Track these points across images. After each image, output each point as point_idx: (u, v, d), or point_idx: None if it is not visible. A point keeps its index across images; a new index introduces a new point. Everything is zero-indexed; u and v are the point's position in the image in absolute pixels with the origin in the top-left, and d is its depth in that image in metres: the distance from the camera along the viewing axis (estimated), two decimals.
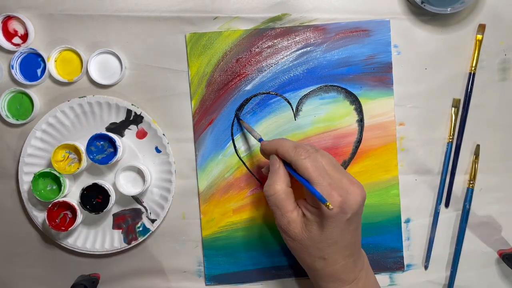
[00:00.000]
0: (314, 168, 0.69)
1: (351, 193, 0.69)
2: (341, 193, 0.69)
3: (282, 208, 0.72)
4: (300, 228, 0.72)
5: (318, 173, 0.69)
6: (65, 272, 0.88)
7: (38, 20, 0.84)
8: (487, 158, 0.86)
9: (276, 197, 0.72)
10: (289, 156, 0.71)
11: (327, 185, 0.68)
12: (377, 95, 0.85)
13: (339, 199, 0.68)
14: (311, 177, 0.69)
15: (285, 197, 0.72)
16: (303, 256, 0.75)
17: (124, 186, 0.83)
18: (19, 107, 0.85)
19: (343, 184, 0.70)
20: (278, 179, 0.73)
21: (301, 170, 0.69)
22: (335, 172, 0.71)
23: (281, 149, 0.73)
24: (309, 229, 0.71)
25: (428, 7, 0.80)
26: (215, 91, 0.85)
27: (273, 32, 0.84)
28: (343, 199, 0.68)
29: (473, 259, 0.87)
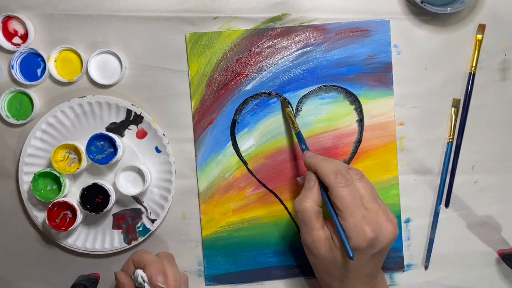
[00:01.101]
0: (351, 198, 0.69)
1: (384, 229, 0.69)
2: (374, 229, 0.68)
3: (308, 226, 0.72)
4: (324, 248, 0.71)
5: (354, 204, 0.69)
6: (65, 272, 0.88)
7: (38, 20, 0.84)
8: (487, 158, 0.86)
9: (305, 214, 0.72)
10: (328, 181, 0.71)
11: (361, 218, 0.68)
12: (377, 95, 0.85)
13: (371, 234, 0.68)
14: (346, 207, 0.68)
15: (314, 215, 0.72)
16: (322, 274, 0.75)
17: (124, 186, 0.83)
18: (19, 107, 0.85)
19: (378, 218, 0.70)
20: (310, 197, 0.72)
21: (337, 198, 0.69)
22: (373, 204, 0.71)
23: (321, 172, 0.72)
24: (334, 253, 0.71)
25: (428, 7, 0.80)
26: (215, 91, 0.85)
27: (273, 32, 0.84)
28: (375, 235, 0.68)
29: (473, 259, 0.87)
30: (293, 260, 0.86)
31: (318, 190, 0.73)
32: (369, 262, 0.71)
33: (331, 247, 0.71)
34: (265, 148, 0.85)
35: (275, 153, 0.86)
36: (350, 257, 0.66)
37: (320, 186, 0.73)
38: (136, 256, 0.76)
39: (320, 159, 0.74)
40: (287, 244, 0.86)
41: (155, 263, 0.74)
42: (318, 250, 0.72)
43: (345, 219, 0.68)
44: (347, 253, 0.67)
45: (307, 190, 0.73)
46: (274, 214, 0.86)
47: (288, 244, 0.86)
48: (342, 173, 0.71)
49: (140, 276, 0.73)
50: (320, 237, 0.71)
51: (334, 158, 0.83)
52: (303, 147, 0.79)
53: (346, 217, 0.68)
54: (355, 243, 0.68)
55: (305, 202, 0.72)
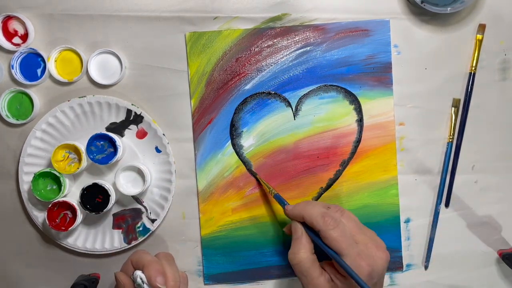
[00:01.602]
0: (343, 239, 0.69)
1: (377, 259, 0.70)
2: (369, 262, 0.69)
3: (308, 276, 0.72)
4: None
5: (347, 244, 0.69)
6: (65, 272, 0.88)
7: (38, 20, 0.84)
8: (487, 158, 0.86)
9: (301, 265, 0.72)
10: (318, 225, 0.71)
11: (356, 255, 0.69)
12: (377, 95, 0.85)
13: (368, 268, 0.69)
14: (341, 249, 0.69)
15: (310, 265, 0.72)
16: None
17: (124, 186, 0.83)
18: (19, 107, 0.85)
19: (369, 250, 0.71)
20: (301, 247, 0.73)
21: (330, 241, 0.70)
22: (361, 236, 0.72)
23: (308, 218, 0.72)
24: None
25: (428, 7, 0.80)
26: (215, 90, 0.85)
27: (273, 32, 0.84)
28: (371, 268, 0.69)
29: (473, 259, 0.87)
30: None
31: (307, 238, 0.73)
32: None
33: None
34: (265, 147, 0.85)
35: (275, 153, 0.86)
36: None
37: (309, 232, 0.74)
38: (135, 256, 0.76)
39: (303, 206, 0.75)
40: (286, 244, 0.86)
41: (153, 263, 0.74)
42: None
43: None
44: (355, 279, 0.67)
45: (296, 241, 0.74)
46: (272, 214, 0.86)
47: (287, 244, 0.86)
48: (328, 214, 0.71)
49: (139, 277, 0.73)
50: (321, 283, 0.71)
51: (332, 159, 0.85)
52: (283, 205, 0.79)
53: (342, 257, 0.69)
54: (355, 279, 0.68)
55: (299, 254, 0.72)
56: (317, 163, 0.86)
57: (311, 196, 0.86)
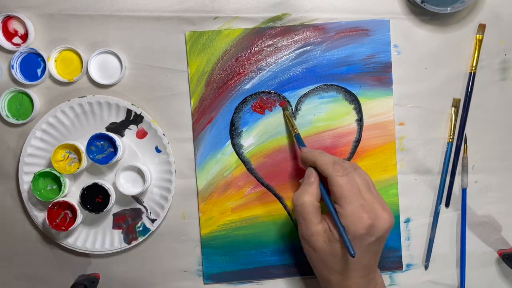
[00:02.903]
0: (349, 187, 0.70)
1: (380, 218, 0.70)
2: (371, 216, 0.69)
3: (307, 220, 0.72)
4: (322, 241, 0.72)
5: (352, 193, 0.70)
6: (65, 272, 0.88)
7: (38, 20, 0.84)
8: (487, 158, 0.86)
9: (303, 207, 0.72)
10: (326, 171, 0.71)
11: (358, 205, 0.69)
12: (376, 94, 0.85)
13: (368, 221, 0.69)
14: (344, 195, 0.69)
15: (312, 210, 0.72)
16: (320, 267, 0.75)
17: (124, 186, 0.83)
18: (19, 107, 0.85)
19: (374, 207, 0.70)
20: (309, 191, 0.73)
21: (336, 187, 0.70)
22: (369, 194, 0.71)
23: (320, 162, 0.73)
24: (332, 245, 0.71)
25: (428, 6, 0.80)
26: (214, 90, 0.85)
27: (273, 31, 0.84)
28: (372, 222, 0.69)
29: (473, 259, 0.87)
30: (291, 259, 0.86)
31: (317, 186, 0.74)
32: (366, 253, 0.71)
33: (329, 239, 0.71)
34: (264, 147, 0.85)
35: (274, 152, 0.86)
36: (351, 254, 0.66)
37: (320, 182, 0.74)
38: None
39: (318, 152, 0.75)
40: (286, 243, 0.86)
41: None
42: (316, 243, 0.72)
43: (343, 206, 0.69)
44: (348, 250, 0.67)
45: (306, 185, 0.74)
46: (272, 213, 0.86)
47: (287, 243, 0.86)
48: (339, 163, 0.72)
49: None
50: (319, 231, 0.72)
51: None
52: (301, 146, 0.79)
53: (344, 204, 0.69)
54: (353, 230, 0.68)
55: (304, 196, 0.73)
56: None
57: None
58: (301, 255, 0.86)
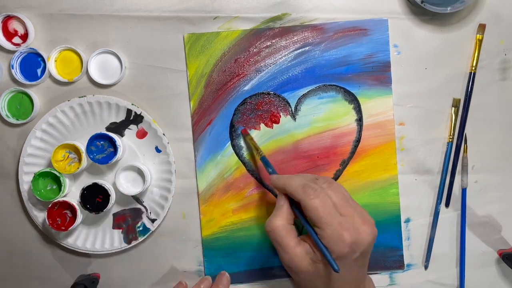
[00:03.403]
0: (323, 208, 0.68)
1: (362, 232, 0.69)
2: (352, 233, 0.68)
3: (282, 244, 0.71)
4: (305, 264, 0.71)
5: (328, 213, 0.68)
6: (65, 272, 0.88)
7: (38, 20, 0.84)
8: (487, 158, 0.86)
9: (275, 233, 0.71)
10: (298, 196, 0.70)
11: (337, 225, 0.68)
12: (376, 94, 0.85)
13: (350, 239, 0.67)
14: (320, 217, 0.68)
15: (285, 233, 0.71)
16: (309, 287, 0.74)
17: (124, 185, 0.83)
18: (19, 107, 0.85)
19: (354, 222, 0.69)
20: (279, 215, 0.72)
21: (310, 211, 0.69)
22: (347, 209, 0.70)
23: (289, 189, 0.72)
24: (316, 265, 0.70)
25: (428, 6, 0.80)
26: (214, 92, 0.85)
27: (271, 32, 0.84)
28: (354, 239, 0.68)
29: (473, 259, 0.87)
30: None
31: (288, 209, 0.73)
32: (352, 268, 0.70)
33: (313, 260, 0.70)
34: (264, 148, 0.85)
35: (274, 153, 0.86)
36: (335, 270, 0.66)
37: (292, 205, 0.73)
38: None
39: (286, 178, 0.74)
40: None
41: None
42: (299, 267, 0.71)
43: (322, 228, 0.68)
44: (332, 266, 0.66)
45: (276, 210, 0.73)
46: None
47: None
48: (309, 185, 0.70)
49: None
50: (298, 253, 0.71)
51: (332, 159, 0.84)
52: (270, 170, 0.78)
53: (323, 226, 0.68)
54: (336, 250, 0.67)
55: (274, 220, 0.72)
56: (317, 163, 0.86)
57: None
58: None
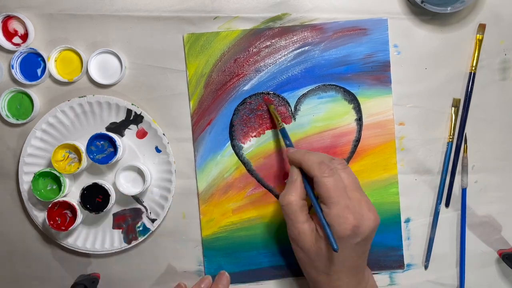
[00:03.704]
0: (335, 188, 0.70)
1: (366, 218, 0.70)
2: (356, 217, 0.69)
3: (293, 219, 0.73)
4: (309, 241, 0.72)
5: (338, 193, 0.69)
6: (65, 272, 0.88)
7: (38, 20, 0.84)
8: (487, 158, 0.86)
9: (289, 207, 0.73)
10: (312, 172, 0.71)
11: (344, 206, 0.69)
12: (375, 93, 0.85)
13: (354, 222, 0.69)
14: (330, 196, 0.69)
15: (298, 209, 0.73)
16: (309, 268, 0.75)
17: (124, 185, 0.83)
18: (19, 107, 0.85)
19: (360, 207, 0.71)
20: (293, 190, 0.73)
21: (322, 188, 0.70)
22: (355, 193, 0.71)
23: (305, 164, 0.73)
24: (319, 245, 0.72)
25: (428, 6, 0.80)
26: (213, 92, 0.85)
27: (271, 32, 0.84)
28: (357, 222, 0.69)
29: (473, 259, 0.87)
30: (292, 259, 0.86)
31: (301, 184, 0.74)
32: (353, 253, 0.71)
33: (316, 239, 0.72)
34: (264, 148, 0.85)
35: (274, 153, 0.86)
36: (334, 249, 0.67)
37: (304, 179, 0.74)
38: None
39: (304, 152, 0.75)
40: (287, 244, 0.85)
41: None
42: (303, 243, 0.73)
43: (329, 207, 0.69)
44: (331, 245, 0.67)
45: (290, 184, 0.74)
46: (273, 214, 0.86)
47: (288, 244, 0.85)
48: (326, 163, 0.71)
49: None
50: (305, 230, 0.72)
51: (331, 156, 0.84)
52: (287, 143, 0.79)
53: (330, 205, 0.69)
54: (338, 230, 0.69)
55: (289, 195, 0.73)
56: None
57: None
58: None
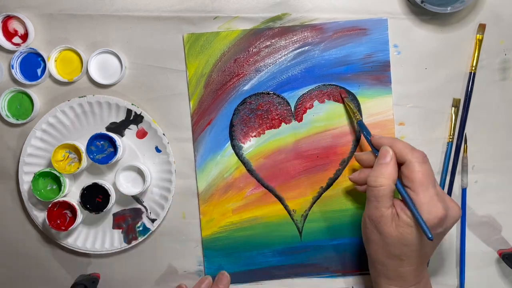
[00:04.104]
0: (427, 174, 0.69)
1: (451, 209, 0.70)
2: (445, 207, 0.69)
3: (380, 202, 0.71)
4: (389, 225, 0.71)
5: (430, 181, 0.69)
6: (65, 272, 0.88)
7: (38, 20, 0.84)
8: (487, 158, 0.86)
9: (380, 190, 0.71)
10: (406, 156, 0.70)
11: (434, 194, 0.69)
12: (375, 93, 0.85)
13: (443, 212, 0.68)
14: (423, 182, 0.69)
15: (388, 193, 0.71)
16: (379, 251, 0.74)
17: (124, 185, 0.83)
18: (19, 107, 0.85)
19: (446, 198, 0.71)
20: (387, 173, 0.71)
21: (416, 173, 0.69)
22: (438, 186, 0.71)
23: (398, 147, 0.72)
24: (400, 230, 0.70)
25: (428, 6, 0.80)
26: (213, 92, 0.85)
27: (271, 32, 0.84)
28: (446, 212, 0.69)
29: (473, 259, 0.87)
30: (293, 259, 0.86)
31: (395, 166, 0.72)
32: (431, 242, 0.71)
33: (397, 224, 0.70)
34: (264, 148, 0.85)
35: (274, 153, 0.86)
36: (428, 237, 0.66)
37: None
38: None
39: (393, 138, 0.74)
40: (287, 244, 0.86)
41: None
42: (383, 227, 0.71)
43: (419, 193, 0.69)
44: (425, 233, 0.66)
45: (383, 166, 0.72)
46: (273, 214, 0.86)
47: (288, 244, 0.86)
48: (418, 150, 0.71)
49: None
50: (388, 214, 0.71)
51: (332, 158, 0.85)
52: (365, 133, 0.78)
53: (421, 192, 0.68)
54: (427, 218, 0.68)
55: (382, 178, 0.71)
56: (317, 163, 0.86)
57: (311, 196, 0.86)
58: (302, 256, 0.86)
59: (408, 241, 0.70)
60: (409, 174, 0.70)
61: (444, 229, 0.71)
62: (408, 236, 0.70)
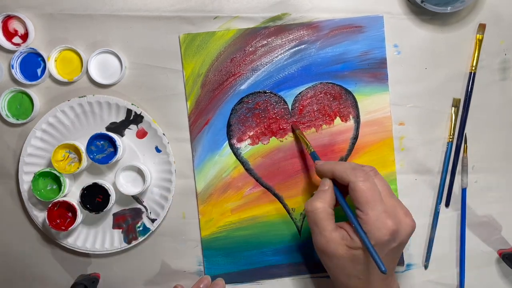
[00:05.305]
0: (372, 192, 0.69)
1: (403, 222, 0.70)
2: (395, 222, 0.68)
3: (320, 227, 0.71)
4: (340, 248, 0.70)
5: (375, 198, 0.69)
6: (65, 272, 0.88)
7: (38, 20, 0.84)
8: (487, 158, 0.86)
9: (314, 214, 0.71)
10: (347, 177, 0.70)
11: (382, 211, 0.68)
12: (372, 91, 0.85)
13: (393, 227, 0.68)
14: (368, 201, 0.68)
15: (325, 216, 0.71)
16: (338, 275, 0.74)
17: (124, 185, 0.83)
18: (19, 107, 0.85)
19: (397, 212, 0.70)
20: (321, 198, 0.72)
21: (359, 192, 0.69)
22: (390, 199, 0.71)
23: (338, 171, 0.72)
24: (352, 252, 0.70)
25: (428, 6, 0.80)
26: (210, 91, 0.85)
27: (267, 31, 0.84)
28: (396, 227, 0.68)
29: (473, 258, 0.87)
30: (292, 258, 0.86)
31: (331, 193, 0.73)
32: (387, 257, 0.70)
33: (349, 246, 0.70)
34: (262, 147, 0.85)
35: (272, 152, 0.86)
36: (382, 271, 0.65)
37: (335, 190, 0.73)
38: None
39: (334, 162, 0.74)
40: (286, 243, 0.86)
41: None
42: (333, 251, 0.71)
43: (367, 213, 0.68)
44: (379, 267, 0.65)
45: (319, 192, 0.73)
46: (272, 213, 0.86)
47: (287, 243, 0.86)
48: (359, 168, 0.71)
49: None
50: (334, 238, 0.71)
51: (331, 155, 0.85)
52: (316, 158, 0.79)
53: (368, 210, 0.68)
54: (377, 236, 0.67)
55: (316, 202, 0.72)
56: None
57: (310, 194, 0.86)
58: (301, 255, 0.86)
59: (361, 261, 0.70)
60: (354, 195, 0.69)
61: (399, 243, 0.70)
62: (360, 256, 0.70)
